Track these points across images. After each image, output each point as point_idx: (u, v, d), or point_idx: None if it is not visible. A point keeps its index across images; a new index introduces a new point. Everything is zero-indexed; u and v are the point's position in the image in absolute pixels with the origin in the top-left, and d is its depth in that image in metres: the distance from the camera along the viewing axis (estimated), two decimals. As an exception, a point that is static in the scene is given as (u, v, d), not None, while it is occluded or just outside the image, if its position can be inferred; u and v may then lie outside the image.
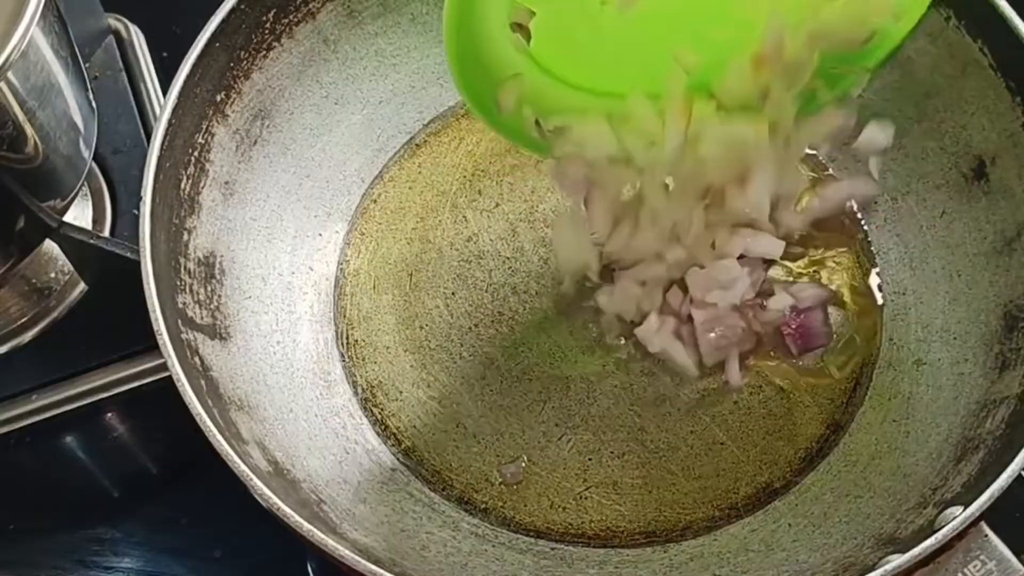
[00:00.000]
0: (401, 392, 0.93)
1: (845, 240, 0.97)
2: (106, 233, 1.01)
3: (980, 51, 0.89)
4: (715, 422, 0.90)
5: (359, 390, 0.93)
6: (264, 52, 0.94)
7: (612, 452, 0.90)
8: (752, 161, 0.86)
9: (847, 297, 0.94)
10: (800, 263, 0.95)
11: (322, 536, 0.74)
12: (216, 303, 0.89)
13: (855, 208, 0.97)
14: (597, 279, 0.92)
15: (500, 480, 0.89)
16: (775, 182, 0.88)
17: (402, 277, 0.97)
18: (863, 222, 0.97)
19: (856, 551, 0.81)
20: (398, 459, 0.90)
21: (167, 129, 0.86)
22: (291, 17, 0.95)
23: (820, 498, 0.87)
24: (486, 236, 0.98)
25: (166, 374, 0.79)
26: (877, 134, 0.92)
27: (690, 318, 0.91)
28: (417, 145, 1.02)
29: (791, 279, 0.94)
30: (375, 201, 1.00)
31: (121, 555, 0.94)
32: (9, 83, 0.77)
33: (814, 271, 0.95)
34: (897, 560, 0.73)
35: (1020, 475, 0.75)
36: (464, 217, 0.99)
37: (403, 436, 0.91)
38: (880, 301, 0.94)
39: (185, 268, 0.87)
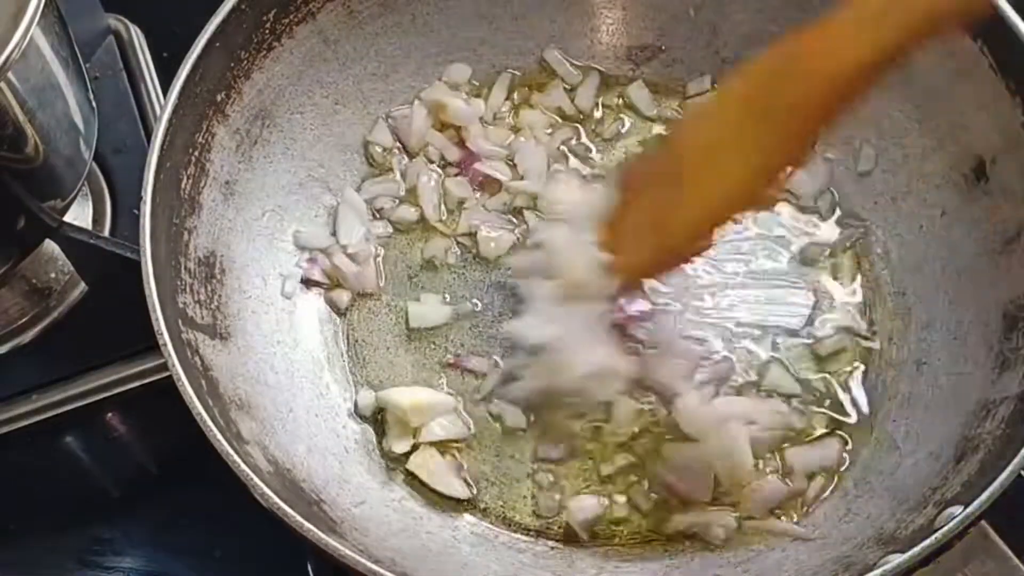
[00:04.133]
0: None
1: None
2: (106, 233, 1.01)
3: (980, 51, 0.89)
4: (715, 422, 0.90)
5: (359, 390, 0.93)
6: (264, 52, 0.94)
7: (613, 452, 0.90)
8: None
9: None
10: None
11: (322, 536, 0.74)
12: (216, 303, 0.89)
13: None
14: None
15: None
16: None
17: (402, 277, 0.97)
18: (865, 222, 0.97)
19: (856, 551, 0.81)
20: (398, 459, 0.90)
21: (167, 129, 0.86)
22: (291, 17, 0.95)
23: (820, 498, 0.87)
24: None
25: (166, 374, 0.79)
26: None
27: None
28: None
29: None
30: (375, 201, 1.00)
31: (121, 555, 0.94)
32: (9, 83, 0.77)
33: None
34: (897, 560, 0.73)
35: (1020, 475, 0.75)
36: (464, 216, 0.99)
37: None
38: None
39: (185, 268, 0.87)
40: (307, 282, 0.95)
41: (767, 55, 0.75)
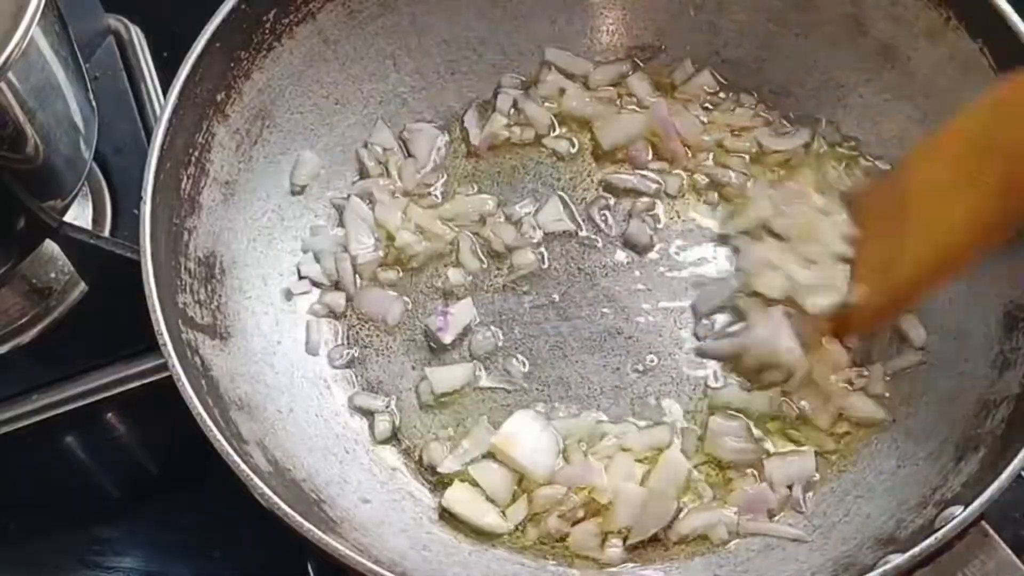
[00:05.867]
0: (401, 392, 0.92)
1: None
2: (106, 233, 1.01)
3: (980, 51, 0.89)
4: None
5: (359, 390, 0.93)
6: (264, 52, 0.94)
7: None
8: None
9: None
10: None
11: (322, 536, 0.74)
12: (216, 303, 0.89)
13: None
14: None
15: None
16: None
17: (403, 277, 0.97)
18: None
19: (856, 551, 0.81)
20: (398, 459, 0.90)
21: (167, 129, 0.86)
22: (291, 17, 0.95)
23: (820, 498, 0.87)
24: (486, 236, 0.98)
25: (166, 374, 0.79)
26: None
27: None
28: (417, 145, 1.02)
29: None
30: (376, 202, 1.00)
31: (121, 555, 0.94)
32: (9, 83, 0.77)
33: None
34: (897, 560, 0.73)
35: (1020, 475, 0.75)
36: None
37: (403, 436, 0.91)
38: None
39: (185, 268, 0.87)
40: (307, 282, 0.95)
41: (990, 95, 0.73)
